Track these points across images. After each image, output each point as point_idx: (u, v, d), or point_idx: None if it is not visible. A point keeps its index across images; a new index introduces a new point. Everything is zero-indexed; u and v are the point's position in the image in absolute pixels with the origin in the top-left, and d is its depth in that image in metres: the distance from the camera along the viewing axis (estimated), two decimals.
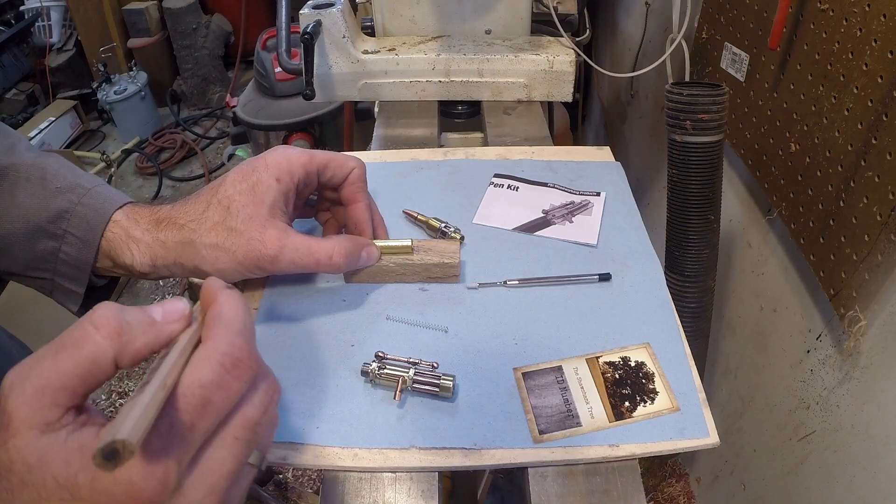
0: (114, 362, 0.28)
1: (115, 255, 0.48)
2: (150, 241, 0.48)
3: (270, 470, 1.28)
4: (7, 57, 2.60)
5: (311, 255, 0.48)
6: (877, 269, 0.59)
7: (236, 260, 0.46)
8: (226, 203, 0.47)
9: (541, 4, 0.93)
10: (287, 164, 0.48)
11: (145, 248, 0.48)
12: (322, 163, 0.51)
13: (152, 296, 1.87)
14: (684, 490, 1.21)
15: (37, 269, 0.49)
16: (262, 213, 0.46)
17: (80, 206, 0.48)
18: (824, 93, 0.66)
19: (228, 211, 0.46)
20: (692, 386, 0.46)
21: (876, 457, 0.66)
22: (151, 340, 0.29)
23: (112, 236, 0.48)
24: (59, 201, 0.48)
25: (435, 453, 0.43)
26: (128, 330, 0.28)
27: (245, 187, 0.47)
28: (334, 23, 0.76)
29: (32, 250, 0.48)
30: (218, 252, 0.46)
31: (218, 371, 0.28)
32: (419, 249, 0.54)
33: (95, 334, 0.28)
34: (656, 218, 1.21)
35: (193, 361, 0.28)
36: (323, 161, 0.51)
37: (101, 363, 0.28)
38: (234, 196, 0.47)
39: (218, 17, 2.81)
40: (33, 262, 0.49)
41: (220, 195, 0.47)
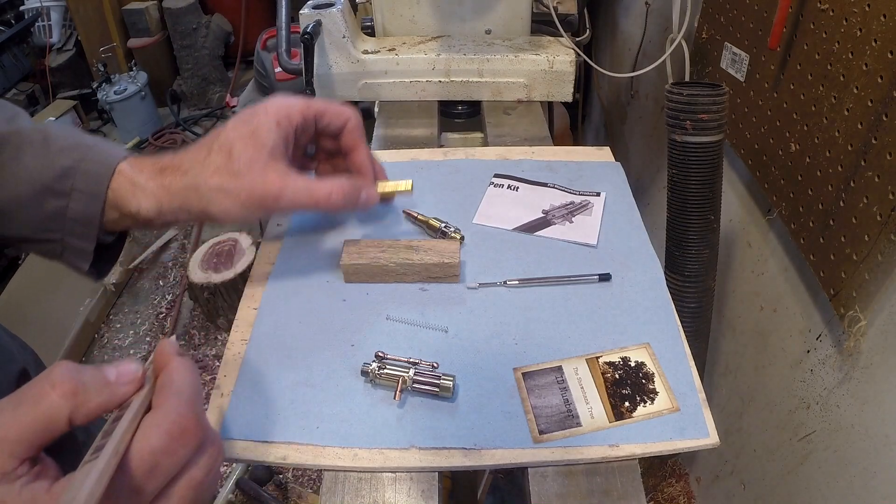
0: (68, 420, 0.30)
1: (121, 204, 0.49)
2: (154, 187, 0.49)
3: (270, 470, 1.28)
4: (7, 57, 2.60)
5: (311, 195, 0.49)
6: (877, 269, 0.59)
7: (240, 202, 0.48)
8: (227, 147, 0.48)
9: (541, 4, 0.93)
10: (286, 110, 0.51)
11: (150, 194, 0.49)
12: (319, 110, 0.53)
13: (152, 295, 1.87)
14: (684, 490, 1.21)
15: (46, 231, 0.50)
16: (263, 156, 0.48)
17: (84, 161, 0.49)
18: (824, 93, 0.66)
19: (230, 155, 0.48)
20: (692, 386, 0.46)
21: (876, 457, 0.66)
22: (105, 401, 0.31)
23: (117, 186, 0.49)
24: (64, 159, 0.48)
25: (435, 453, 0.43)
26: (83, 391, 0.30)
27: (246, 131, 0.49)
28: (334, 23, 0.76)
29: (41, 211, 0.49)
30: (222, 195, 0.48)
31: (166, 439, 0.30)
32: (419, 249, 0.54)
33: (52, 393, 0.29)
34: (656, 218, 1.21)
35: (144, 428, 0.30)
36: (320, 108, 0.53)
37: (57, 420, 0.29)
38: (235, 141, 0.48)
39: (218, 17, 2.81)
40: (42, 224, 0.49)
41: (222, 140, 0.49)
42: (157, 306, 1.84)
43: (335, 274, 0.56)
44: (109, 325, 1.79)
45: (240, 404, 0.46)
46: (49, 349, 1.59)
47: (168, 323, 1.76)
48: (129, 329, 1.77)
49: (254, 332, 0.52)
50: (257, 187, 0.48)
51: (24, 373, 0.70)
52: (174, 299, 1.84)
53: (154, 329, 1.76)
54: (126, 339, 1.74)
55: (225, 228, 2.09)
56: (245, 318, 0.53)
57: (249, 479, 1.26)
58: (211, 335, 1.72)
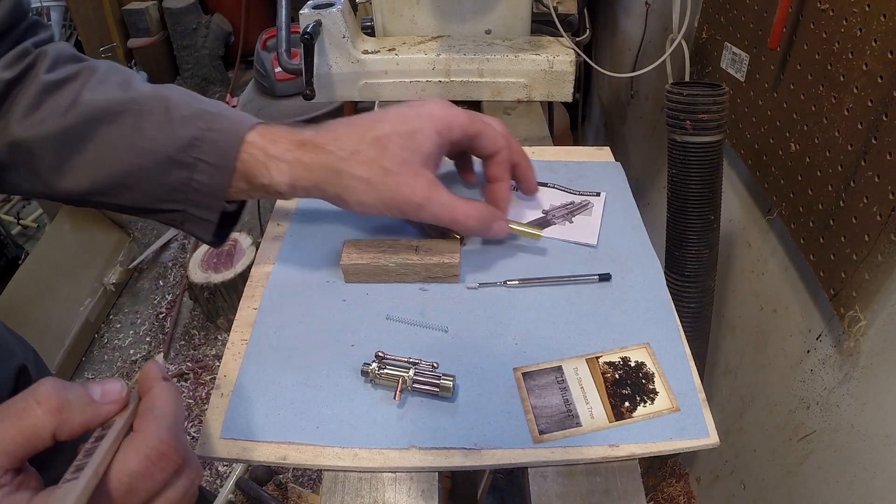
0: (52, 435, 0.30)
1: (251, 176, 0.48)
2: (291, 160, 0.47)
3: (270, 470, 1.28)
4: None
5: (452, 213, 0.49)
6: (877, 269, 0.59)
7: (381, 199, 0.47)
8: (384, 142, 0.47)
9: (541, 4, 0.93)
10: (448, 121, 0.50)
11: (286, 167, 0.48)
12: (479, 130, 0.52)
13: (152, 295, 1.87)
14: (684, 490, 1.21)
15: (168, 202, 0.49)
16: (417, 161, 0.48)
17: (209, 132, 0.47)
18: (824, 93, 0.66)
19: (385, 150, 0.47)
20: (692, 386, 0.46)
21: (876, 457, 0.66)
22: (89, 419, 0.32)
23: (248, 157, 0.47)
24: (188, 129, 0.47)
25: (435, 453, 0.43)
26: (67, 408, 0.30)
27: (405, 130, 0.48)
28: (334, 23, 0.76)
29: (163, 182, 0.47)
30: (365, 186, 0.47)
31: (145, 463, 0.30)
32: (419, 249, 0.54)
33: (37, 408, 0.30)
34: (656, 218, 1.21)
35: (124, 450, 0.31)
36: (479, 130, 0.52)
37: (41, 435, 0.30)
38: (394, 137, 0.47)
39: (218, 17, 2.81)
40: (164, 195, 0.48)
41: (379, 132, 0.48)
42: (157, 306, 1.84)
43: (335, 274, 0.56)
44: (109, 325, 1.79)
45: (240, 404, 0.46)
46: (49, 349, 1.59)
47: (168, 323, 1.76)
48: (129, 329, 1.77)
49: (254, 332, 0.52)
50: (403, 190, 0.47)
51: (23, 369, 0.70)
52: (174, 299, 1.84)
53: (154, 329, 1.76)
54: (126, 339, 1.74)
55: None
56: (245, 318, 0.53)
57: (249, 479, 1.26)
58: (211, 335, 1.72)
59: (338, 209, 0.62)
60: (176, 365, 1.64)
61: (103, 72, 0.50)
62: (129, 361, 1.67)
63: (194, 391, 1.57)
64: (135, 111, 0.47)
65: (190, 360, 1.65)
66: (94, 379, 1.64)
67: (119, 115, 0.47)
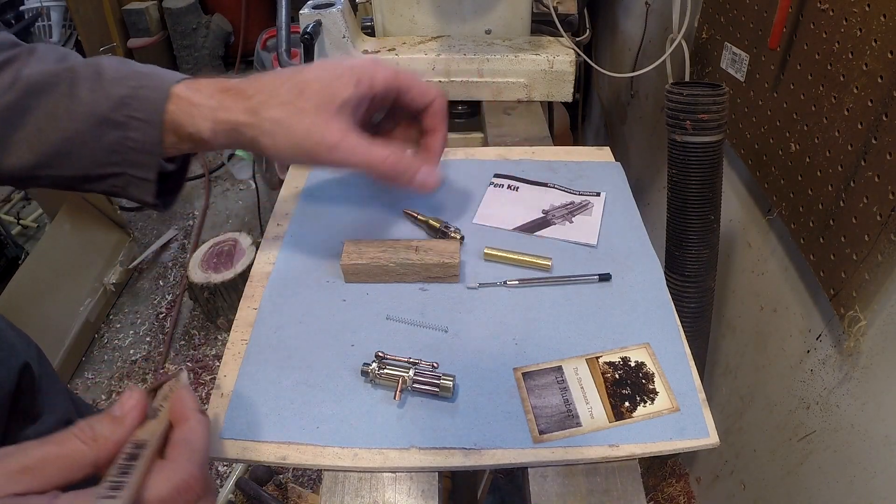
0: (94, 464, 0.33)
1: (178, 126, 0.49)
2: (213, 104, 0.48)
3: (270, 470, 1.28)
4: None
5: (367, 155, 0.48)
6: (877, 269, 0.59)
7: (294, 140, 0.47)
8: (302, 86, 0.48)
9: (541, 4, 0.93)
10: (371, 72, 0.49)
11: (208, 111, 0.48)
12: (405, 84, 0.52)
13: (152, 295, 1.87)
14: (684, 490, 1.21)
15: (107, 165, 0.49)
16: (333, 106, 0.48)
17: (140, 88, 0.48)
18: (824, 93, 0.66)
19: (302, 94, 0.47)
20: (692, 386, 0.46)
21: (876, 457, 0.66)
22: (120, 437, 0.34)
23: (174, 108, 0.48)
24: (119, 88, 0.48)
25: (435, 453, 0.43)
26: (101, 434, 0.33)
27: (325, 77, 0.48)
28: (334, 23, 0.76)
29: (100, 145, 0.48)
30: (279, 128, 0.47)
31: (173, 492, 0.33)
32: (419, 249, 0.54)
33: (74, 438, 0.33)
34: (656, 218, 1.21)
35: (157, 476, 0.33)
36: (406, 82, 0.52)
37: (81, 462, 0.32)
38: (312, 82, 0.48)
39: (218, 17, 2.81)
40: (103, 158, 0.49)
41: (299, 78, 0.48)
42: (157, 306, 1.84)
43: (335, 274, 0.56)
44: (109, 325, 1.79)
45: (240, 404, 0.46)
46: (49, 349, 1.59)
47: (168, 323, 1.76)
48: (129, 329, 1.77)
49: (254, 332, 0.52)
50: (316, 131, 0.47)
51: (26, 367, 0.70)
52: (174, 299, 1.84)
53: (154, 329, 1.76)
54: (126, 339, 1.74)
55: (225, 228, 2.09)
56: (245, 318, 0.53)
57: (249, 479, 1.26)
58: (211, 335, 1.72)
59: (337, 209, 0.62)
60: (176, 365, 1.64)
61: (42, 51, 0.51)
62: (129, 361, 1.67)
63: (194, 391, 1.57)
64: (68, 79, 0.48)
65: (190, 360, 1.65)
66: (93, 379, 1.64)
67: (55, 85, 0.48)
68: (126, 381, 1.62)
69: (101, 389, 1.60)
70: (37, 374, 0.72)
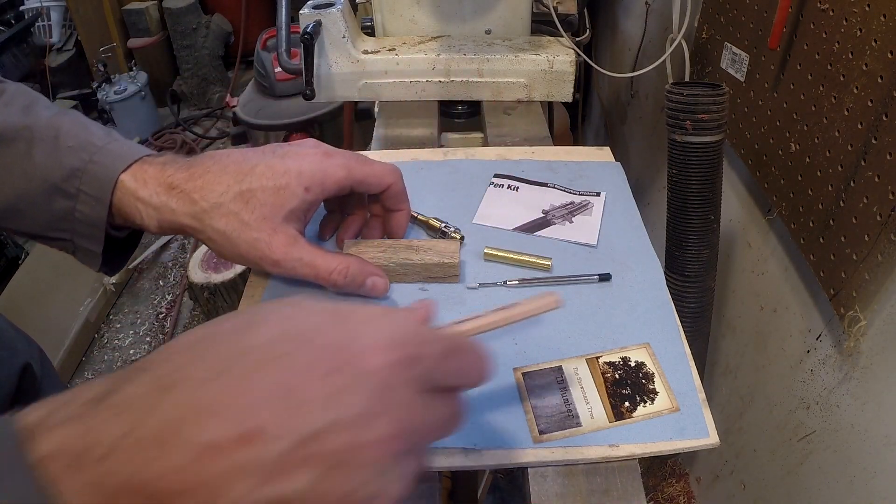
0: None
1: (125, 214, 0.49)
2: (158, 204, 0.48)
3: None
4: (7, 57, 2.60)
5: (313, 269, 0.48)
6: (877, 269, 0.59)
7: (238, 251, 0.48)
8: (247, 196, 0.47)
9: (541, 4, 0.93)
10: (321, 178, 0.48)
11: (153, 210, 0.48)
12: (359, 179, 0.50)
13: (152, 295, 1.87)
14: (684, 490, 1.21)
15: (56, 230, 0.49)
16: (278, 217, 0.47)
17: (91, 164, 0.48)
18: (824, 93, 0.66)
19: (247, 204, 0.47)
20: (692, 386, 0.46)
21: (876, 457, 0.66)
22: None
23: (121, 196, 0.48)
24: (72, 159, 0.48)
25: (435, 453, 0.43)
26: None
27: (271, 186, 0.47)
28: (334, 23, 0.76)
29: (50, 210, 0.48)
30: (224, 239, 0.47)
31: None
32: (419, 249, 0.54)
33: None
34: (656, 218, 1.21)
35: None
36: (359, 178, 0.50)
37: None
38: (258, 192, 0.47)
39: (218, 17, 2.81)
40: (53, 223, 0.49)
41: (244, 186, 0.47)
42: (157, 306, 1.84)
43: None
44: (109, 325, 1.79)
45: None
46: (49, 349, 1.58)
47: (168, 323, 1.76)
48: (129, 329, 1.77)
49: None
50: (260, 247, 0.47)
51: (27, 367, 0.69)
52: (174, 299, 1.84)
53: (154, 329, 1.76)
54: (126, 339, 1.74)
55: None
56: None
57: None
58: None
59: None
60: None
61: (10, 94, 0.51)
62: (129, 361, 1.67)
63: None
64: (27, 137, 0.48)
65: None
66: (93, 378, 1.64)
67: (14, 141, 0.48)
68: None
69: None
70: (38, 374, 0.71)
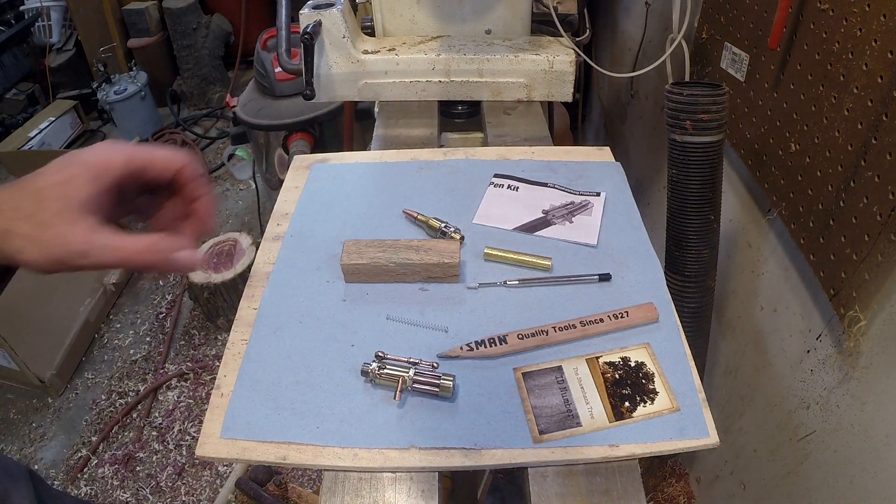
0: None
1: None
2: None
3: (270, 470, 1.28)
4: (7, 57, 2.60)
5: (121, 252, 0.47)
6: (877, 269, 0.59)
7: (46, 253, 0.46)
8: (40, 196, 0.47)
9: (541, 4, 0.93)
10: (106, 161, 0.48)
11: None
12: (143, 161, 0.49)
13: (152, 295, 1.87)
14: (684, 490, 1.21)
15: None
16: (73, 209, 0.46)
17: None
18: (824, 93, 0.66)
19: (40, 203, 0.46)
20: (692, 386, 0.46)
21: (876, 457, 0.66)
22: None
23: None
24: None
25: (435, 453, 0.43)
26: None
27: (59, 179, 0.47)
28: (334, 23, 0.76)
29: None
30: (28, 243, 0.46)
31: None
32: (419, 249, 0.54)
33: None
34: (656, 218, 1.21)
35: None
36: (144, 160, 0.50)
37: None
38: (47, 189, 0.47)
39: (218, 17, 2.81)
40: None
41: (37, 185, 0.47)
42: (157, 306, 1.84)
43: (335, 274, 0.56)
44: (109, 325, 1.79)
45: (240, 404, 0.46)
46: (49, 349, 1.59)
47: (168, 323, 1.76)
48: (129, 329, 1.77)
49: (254, 332, 0.52)
50: (61, 242, 0.46)
51: None
52: (174, 299, 1.84)
53: (154, 329, 1.76)
54: (126, 339, 1.74)
55: (225, 228, 2.09)
56: (245, 318, 0.53)
57: (249, 479, 1.26)
58: (211, 335, 1.72)
59: (337, 209, 0.62)
60: (176, 365, 1.64)
61: None
62: (129, 361, 1.67)
63: (194, 391, 1.57)
64: None
65: (190, 360, 1.65)
66: (93, 379, 1.64)
67: None
68: (126, 381, 1.62)
69: (102, 389, 1.60)
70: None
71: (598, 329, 0.50)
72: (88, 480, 1.39)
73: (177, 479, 1.38)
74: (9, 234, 0.46)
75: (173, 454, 1.43)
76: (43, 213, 0.46)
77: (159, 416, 1.52)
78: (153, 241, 0.49)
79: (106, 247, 0.47)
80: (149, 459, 1.43)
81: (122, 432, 1.50)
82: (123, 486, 1.38)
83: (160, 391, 1.58)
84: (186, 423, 1.49)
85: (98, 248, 0.47)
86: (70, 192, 0.47)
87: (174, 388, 1.59)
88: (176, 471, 1.39)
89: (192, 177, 0.52)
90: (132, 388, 1.60)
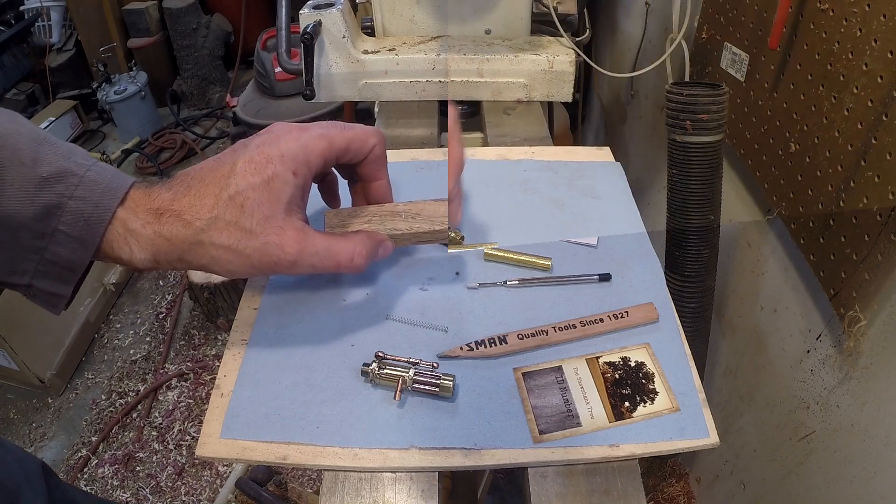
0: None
1: (110, 249, 0.43)
2: (151, 235, 0.42)
3: (270, 470, 1.28)
4: (7, 57, 2.60)
5: (333, 258, 0.45)
6: (877, 269, 0.59)
7: (251, 263, 0.43)
8: (239, 201, 0.42)
9: (541, 4, 0.93)
10: (304, 155, 0.44)
11: (146, 243, 0.42)
12: (342, 147, 0.47)
13: (152, 295, 1.87)
14: (684, 490, 1.21)
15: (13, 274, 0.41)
16: (279, 213, 0.43)
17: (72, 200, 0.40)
18: (824, 93, 0.66)
19: (242, 210, 0.42)
20: (692, 386, 0.46)
21: (876, 457, 0.66)
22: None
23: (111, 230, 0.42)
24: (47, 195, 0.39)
25: (435, 453, 0.43)
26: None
27: (259, 182, 0.42)
28: (334, 23, 0.76)
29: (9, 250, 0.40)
30: (230, 254, 0.43)
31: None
32: (406, 215, 0.52)
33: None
34: (656, 218, 1.21)
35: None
36: (342, 145, 0.47)
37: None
38: (248, 192, 0.42)
39: (218, 17, 2.81)
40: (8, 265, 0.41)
41: (232, 190, 0.42)
42: (157, 306, 1.84)
43: (335, 273, 0.56)
44: (109, 325, 1.79)
45: (240, 404, 0.46)
46: (49, 349, 1.59)
47: (168, 323, 1.76)
48: (129, 329, 1.77)
49: (254, 332, 0.52)
50: (272, 249, 0.43)
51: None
52: (174, 299, 1.84)
53: (154, 329, 1.76)
54: (126, 339, 1.74)
55: None
56: (245, 318, 0.53)
57: (249, 479, 1.26)
58: (211, 335, 1.72)
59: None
60: (176, 365, 1.64)
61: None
62: (129, 361, 1.67)
63: (194, 391, 1.57)
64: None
65: (190, 360, 1.65)
66: (93, 379, 1.64)
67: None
68: (126, 381, 1.62)
69: (102, 389, 1.60)
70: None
71: (598, 329, 0.50)
72: (88, 480, 1.39)
73: (177, 479, 1.38)
74: (203, 245, 0.42)
75: (173, 454, 1.43)
76: (247, 220, 0.42)
77: (159, 416, 1.52)
78: (362, 243, 0.46)
79: (318, 254, 0.44)
80: (149, 459, 1.43)
81: (122, 432, 1.50)
82: (123, 486, 1.38)
83: (160, 391, 1.59)
84: (186, 423, 1.49)
85: (309, 255, 0.44)
86: (273, 194, 0.43)
87: (174, 388, 1.59)
88: (176, 471, 1.39)
89: (379, 154, 0.50)
90: (132, 388, 1.60)
